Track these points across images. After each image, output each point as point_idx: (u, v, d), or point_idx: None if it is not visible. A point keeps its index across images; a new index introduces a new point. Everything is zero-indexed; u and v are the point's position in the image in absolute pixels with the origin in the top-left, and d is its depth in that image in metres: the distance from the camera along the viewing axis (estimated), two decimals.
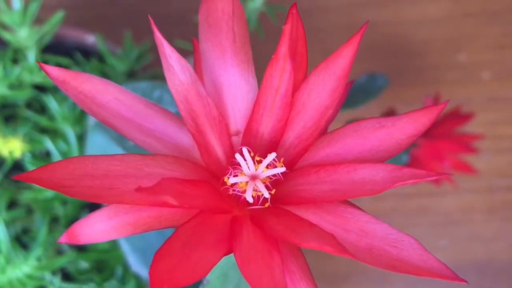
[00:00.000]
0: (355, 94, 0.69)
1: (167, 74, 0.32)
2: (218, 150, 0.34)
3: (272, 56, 0.32)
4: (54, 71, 0.33)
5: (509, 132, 0.85)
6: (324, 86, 0.32)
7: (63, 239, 0.31)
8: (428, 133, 0.72)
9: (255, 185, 0.32)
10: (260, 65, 0.36)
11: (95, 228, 0.32)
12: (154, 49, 0.56)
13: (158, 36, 0.31)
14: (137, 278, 0.63)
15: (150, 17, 0.31)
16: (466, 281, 0.29)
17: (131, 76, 0.68)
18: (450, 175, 0.28)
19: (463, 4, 0.87)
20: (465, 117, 0.72)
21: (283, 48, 0.31)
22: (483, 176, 0.83)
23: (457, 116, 0.73)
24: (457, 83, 0.85)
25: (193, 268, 0.28)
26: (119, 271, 0.64)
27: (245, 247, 0.29)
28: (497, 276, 0.81)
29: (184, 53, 0.37)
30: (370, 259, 0.30)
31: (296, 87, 0.33)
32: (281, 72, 0.32)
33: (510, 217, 0.83)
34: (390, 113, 0.75)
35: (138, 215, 0.32)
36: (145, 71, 0.69)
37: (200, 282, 0.34)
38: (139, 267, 0.59)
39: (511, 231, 0.82)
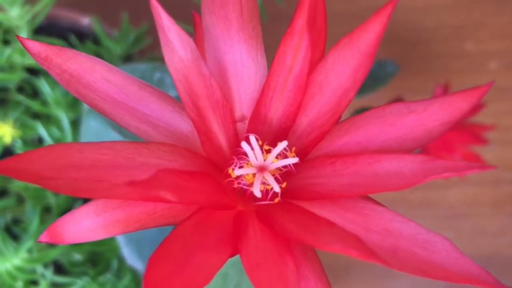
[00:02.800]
0: (364, 81, 0.66)
1: (165, 50, 0.28)
2: (221, 137, 0.30)
3: (286, 31, 0.28)
4: (35, 46, 0.29)
5: None
6: (346, 65, 0.28)
7: (43, 238, 0.27)
8: None
9: (264, 177, 0.29)
10: (265, 51, 0.32)
11: (81, 226, 0.28)
12: (152, 31, 0.53)
13: (155, 4, 0.27)
14: (133, 271, 0.62)
15: None
16: None
17: (128, 59, 0.67)
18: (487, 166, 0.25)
19: None
20: (476, 107, 0.71)
21: (300, 22, 0.27)
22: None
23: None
24: (464, 72, 0.85)
25: (194, 274, 0.24)
26: (114, 264, 0.62)
27: (252, 249, 0.26)
28: (502, 270, 0.80)
29: None
30: (395, 263, 0.26)
31: (312, 67, 0.29)
32: (296, 49, 0.28)
33: None
34: (397, 101, 0.74)
35: (129, 211, 0.28)
36: (143, 55, 0.68)
37: None
38: (134, 259, 0.57)
39: None
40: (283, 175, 0.30)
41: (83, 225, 0.28)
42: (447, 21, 0.85)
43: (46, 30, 0.66)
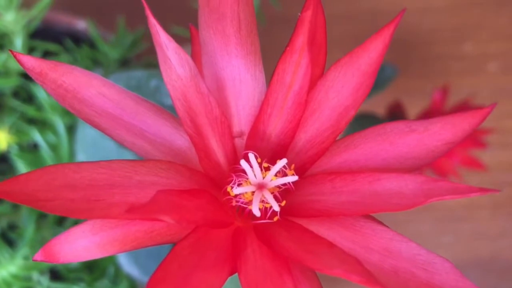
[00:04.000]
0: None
1: (162, 67, 0.27)
2: (219, 154, 0.30)
3: (286, 48, 0.27)
4: (29, 61, 0.28)
5: None
6: (346, 83, 0.28)
7: (38, 256, 0.27)
8: None
9: (263, 195, 0.28)
10: (262, 55, 0.32)
11: (77, 245, 0.27)
12: (148, 36, 0.53)
13: (153, 22, 0.27)
14: (130, 279, 0.62)
15: (143, 1, 0.27)
16: None
17: (124, 64, 0.66)
18: (486, 190, 0.25)
19: None
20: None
21: (301, 39, 0.27)
22: (488, 171, 0.83)
23: (466, 110, 0.71)
24: (463, 75, 0.84)
25: None
26: (111, 270, 0.62)
27: (251, 268, 0.25)
28: (502, 273, 0.80)
29: (180, 40, 0.33)
30: (395, 284, 0.26)
31: (312, 83, 0.28)
32: (295, 67, 0.28)
33: None
34: (396, 105, 0.74)
35: (126, 230, 0.27)
36: (139, 59, 0.68)
37: None
38: (131, 267, 0.57)
39: None
40: (282, 192, 0.29)
41: (79, 245, 0.27)
42: (446, 23, 0.85)
43: (42, 34, 0.65)
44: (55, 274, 0.61)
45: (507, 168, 0.82)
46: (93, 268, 0.63)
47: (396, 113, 0.74)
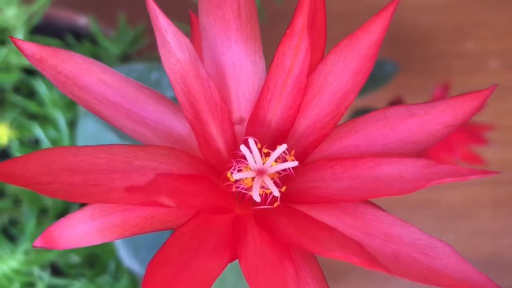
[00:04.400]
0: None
1: (162, 51, 0.27)
2: (219, 140, 0.30)
3: (286, 31, 0.27)
4: (29, 47, 0.28)
5: None
6: (346, 67, 0.28)
7: (38, 243, 0.27)
8: None
9: (263, 181, 0.28)
10: (263, 48, 0.32)
11: (77, 231, 0.27)
12: (149, 31, 0.53)
13: (152, 5, 0.27)
14: (131, 273, 0.62)
15: None
16: None
17: (125, 59, 0.66)
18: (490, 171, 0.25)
19: None
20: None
21: (300, 22, 0.27)
22: (490, 168, 0.82)
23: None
24: (464, 72, 0.84)
25: (193, 280, 0.24)
26: (112, 265, 0.62)
27: (251, 254, 0.25)
28: (503, 271, 0.80)
29: None
30: (397, 269, 0.26)
31: (311, 68, 0.28)
32: (295, 50, 0.28)
33: None
34: (397, 101, 0.75)
35: (126, 215, 0.27)
36: (140, 55, 0.68)
37: None
38: (131, 261, 0.57)
39: None
40: (282, 178, 0.29)
41: (79, 230, 0.27)
42: (447, 20, 0.85)
43: (43, 30, 0.65)
44: (56, 270, 0.61)
45: (508, 165, 0.82)
46: (94, 263, 0.63)
47: None
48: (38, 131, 0.61)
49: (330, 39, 0.31)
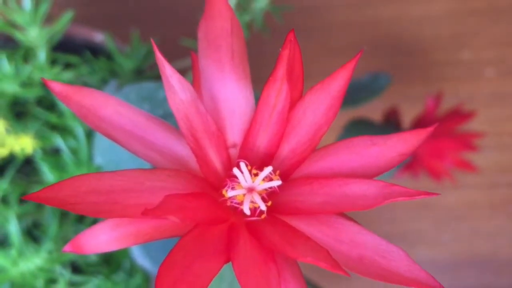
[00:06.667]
0: (358, 92, 0.69)
1: (168, 93, 0.33)
2: (217, 162, 0.35)
3: (269, 78, 0.33)
4: (57, 86, 0.34)
5: None
6: (319, 105, 0.34)
7: (68, 248, 0.33)
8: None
9: (252, 197, 0.34)
10: (266, 61, 0.37)
11: (99, 239, 0.33)
12: (161, 47, 0.56)
13: (160, 58, 0.32)
14: (144, 271, 0.64)
15: (152, 41, 0.33)
16: None
17: (138, 74, 0.68)
18: (436, 193, 0.30)
19: (467, 0, 0.86)
20: (467, 116, 0.72)
21: (281, 71, 0.33)
22: (486, 172, 0.83)
23: (459, 115, 0.73)
24: (460, 80, 0.85)
25: (195, 279, 0.29)
26: (126, 263, 0.65)
27: (242, 257, 0.31)
28: (499, 271, 0.82)
29: (188, 52, 0.38)
30: (361, 269, 0.31)
31: (292, 105, 0.34)
32: (277, 92, 0.33)
33: None
34: (392, 112, 0.76)
35: (139, 226, 0.33)
36: (153, 69, 0.69)
37: None
38: (143, 259, 0.59)
39: None
40: (269, 194, 0.35)
41: (101, 239, 0.33)
42: (443, 30, 0.85)
43: (63, 46, 0.67)
44: (75, 268, 0.64)
45: (502, 169, 0.84)
46: (110, 262, 0.65)
47: (392, 119, 0.76)
48: (59, 141, 0.64)
49: (332, 48, 0.36)
